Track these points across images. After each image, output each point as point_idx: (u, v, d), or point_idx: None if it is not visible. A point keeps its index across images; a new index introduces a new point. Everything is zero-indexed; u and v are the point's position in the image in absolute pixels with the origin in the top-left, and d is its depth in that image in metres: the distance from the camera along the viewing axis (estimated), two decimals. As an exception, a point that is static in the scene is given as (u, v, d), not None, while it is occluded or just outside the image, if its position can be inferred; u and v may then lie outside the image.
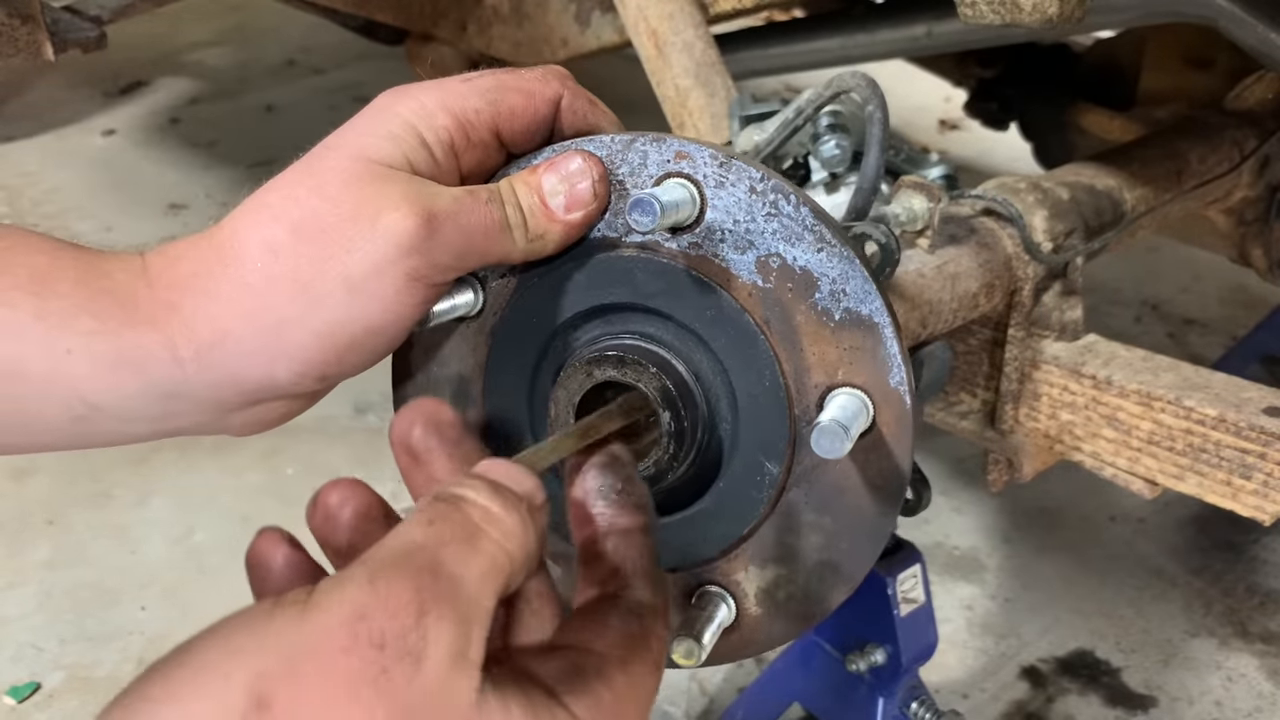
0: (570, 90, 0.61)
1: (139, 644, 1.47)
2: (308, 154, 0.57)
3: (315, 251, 0.54)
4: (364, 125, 0.57)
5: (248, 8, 3.60)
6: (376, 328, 0.56)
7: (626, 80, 2.91)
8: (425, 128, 0.57)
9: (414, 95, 0.58)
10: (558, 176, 0.58)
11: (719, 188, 0.57)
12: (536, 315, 0.61)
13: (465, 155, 0.58)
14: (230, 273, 0.55)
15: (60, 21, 1.36)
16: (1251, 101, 1.24)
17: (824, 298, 0.56)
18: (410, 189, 0.55)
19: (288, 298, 0.54)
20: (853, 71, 0.77)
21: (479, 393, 0.65)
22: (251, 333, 0.55)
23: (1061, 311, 0.96)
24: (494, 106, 0.58)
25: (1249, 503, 0.85)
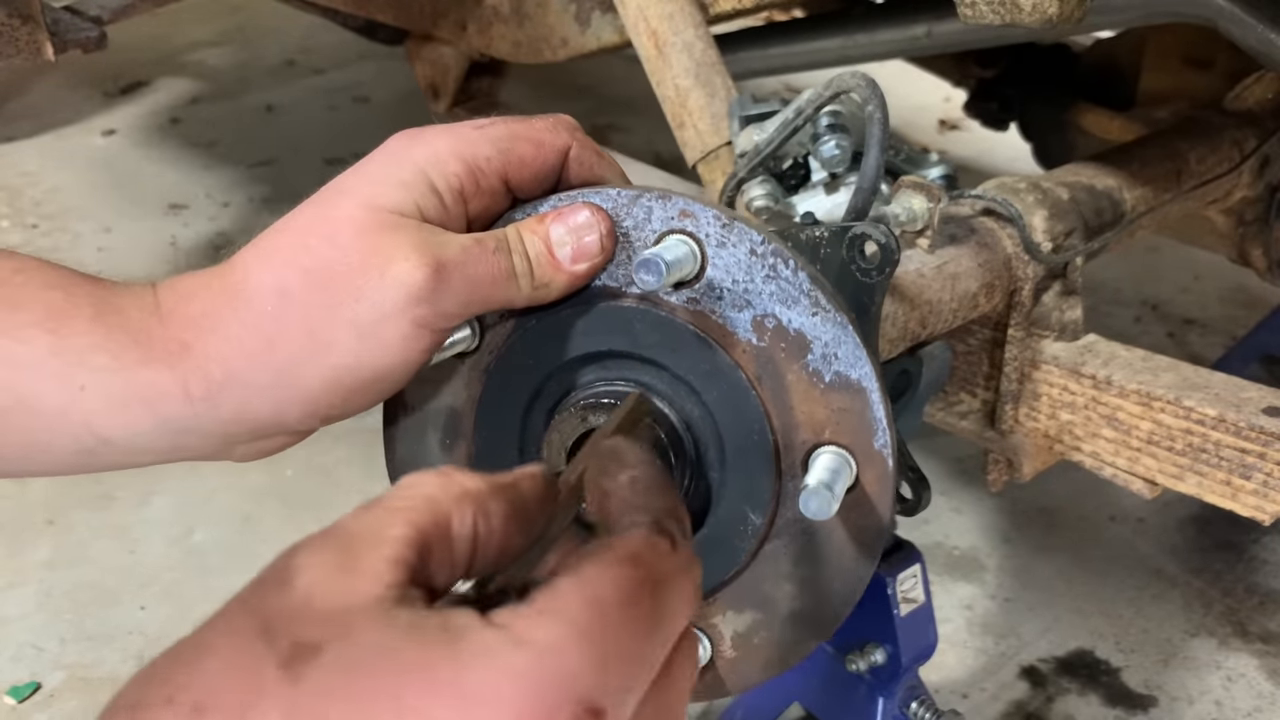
0: (579, 141, 0.63)
1: (139, 644, 1.47)
2: (320, 195, 0.59)
3: (325, 298, 0.56)
4: (377, 171, 0.59)
5: (248, 8, 3.60)
6: (383, 372, 0.57)
7: (626, 80, 2.90)
8: (437, 174, 0.58)
9: (428, 141, 0.59)
10: (565, 228, 0.60)
11: (720, 247, 0.58)
12: (533, 357, 0.63)
13: (474, 201, 0.60)
14: (241, 315, 0.56)
15: (60, 21, 1.36)
16: (1251, 102, 1.24)
17: (815, 360, 0.59)
18: (420, 238, 0.56)
19: (298, 342, 0.56)
20: (853, 71, 0.77)
21: (470, 427, 0.66)
22: (262, 375, 0.56)
23: (1061, 311, 0.96)
24: (504, 155, 0.60)
25: (1248, 503, 0.85)
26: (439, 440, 0.67)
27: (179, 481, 1.74)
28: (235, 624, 0.37)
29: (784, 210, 0.90)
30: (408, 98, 2.67)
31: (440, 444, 0.67)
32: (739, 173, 0.89)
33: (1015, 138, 1.72)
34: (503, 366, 0.63)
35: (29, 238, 2.45)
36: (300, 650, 0.36)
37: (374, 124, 2.94)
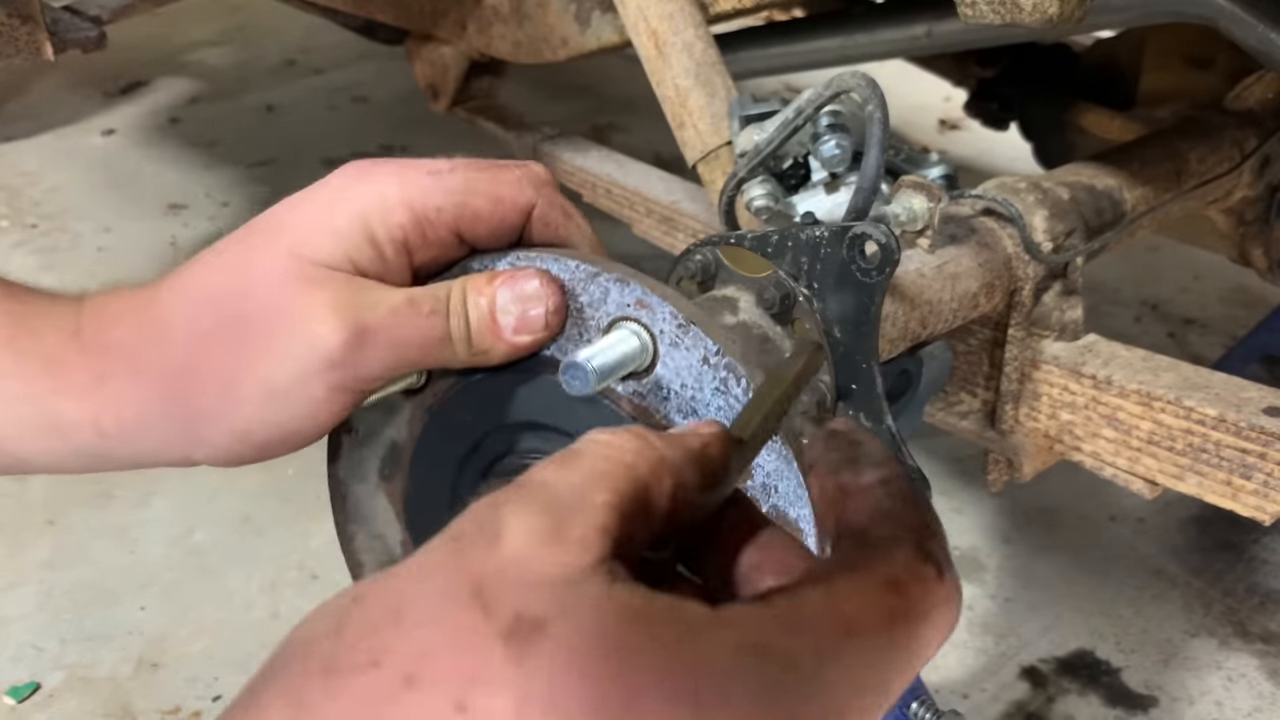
0: (545, 199, 0.58)
1: (139, 644, 1.47)
2: (253, 228, 0.56)
3: (238, 353, 0.53)
4: (314, 212, 0.55)
5: (248, 8, 3.60)
6: (296, 431, 0.55)
7: (626, 80, 2.90)
8: (378, 223, 0.54)
9: (376, 182, 0.55)
10: (513, 295, 0.55)
11: (673, 347, 0.54)
12: (472, 414, 0.60)
13: (420, 253, 0.56)
14: (157, 354, 0.54)
15: (60, 21, 1.36)
16: (1252, 101, 1.24)
17: (754, 487, 0.55)
18: (343, 297, 0.53)
19: (209, 393, 0.54)
20: (853, 71, 0.77)
21: (408, 464, 0.63)
22: (171, 420, 0.54)
23: (1061, 311, 0.96)
24: (458, 208, 0.56)
25: (1249, 503, 0.85)
26: (378, 469, 0.65)
27: (179, 481, 1.74)
28: (441, 583, 0.34)
29: (784, 210, 0.90)
30: (408, 98, 2.67)
31: (379, 472, 0.65)
32: (739, 172, 0.89)
33: (1015, 137, 1.72)
34: (443, 413, 0.61)
35: (28, 237, 2.45)
36: (521, 625, 0.32)
37: (374, 124, 2.94)
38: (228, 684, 1.40)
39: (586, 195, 1.49)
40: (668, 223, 1.33)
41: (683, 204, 1.32)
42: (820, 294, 0.68)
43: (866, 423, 0.69)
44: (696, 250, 0.73)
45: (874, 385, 0.67)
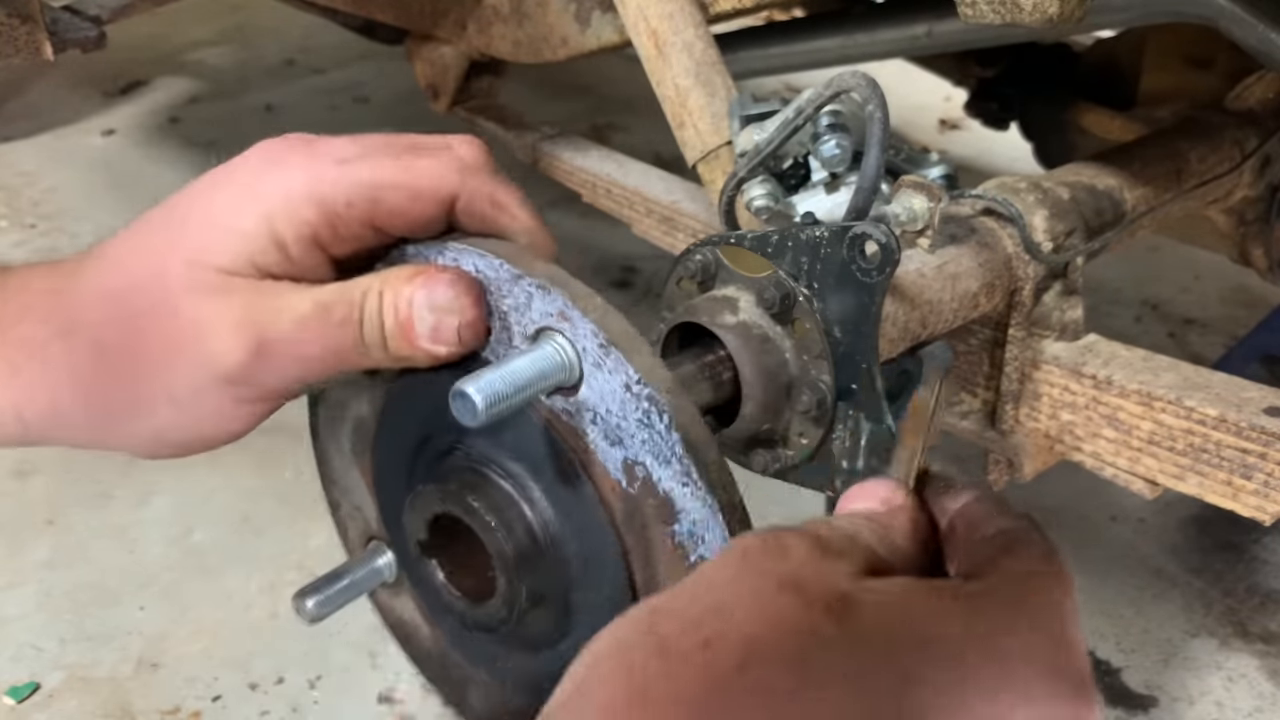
0: (470, 188, 0.53)
1: (138, 644, 1.47)
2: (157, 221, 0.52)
3: (140, 360, 0.51)
4: (216, 211, 0.51)
5: (248, 8, 3.60)
6: (210, 435, 0.53)
7: (626, 80, 2.90)
8: (284, 222, 0.51)
9: (284, 175, 0.52)
10: (428, 302, 0.51)
11: (596, 368, 0.51)
12: (420, 405, 0.57)
13: (335, 247, 0.53)
14: (66, 351, 0.52)
15: (60, 21, 1.36)
16: (1252, 101, 1.24)
17: (682, 534, 0.51)
18: (244, 310, 0.50)
19: (115, 399, 0.52)
20: (853, 71, 0.77)
21: (372, 441, 0.61)
22: (83, 415, 0.53)
23: (1062, 311, 0.96)
24: (370, 203, 0.52)
25: (1249, 503, 0.85)
26: (350, 445, 0.64)
27: (178, 481, 1.74)
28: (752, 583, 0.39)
29: (784, 210, 0.90)
30: (408, 97, 2.66)
31: (351, 448, 0.64)
32: (739, 172, 0.89)
33: (1016, 137, 1.72)
34: (399, 398, 0.58)
35: (27, 238, 2.45)
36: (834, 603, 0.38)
37: (374, 124, 2.93)
38: (227, 684, 1.40)
39: (586, 195, 1.49)
40: (668, 223, 1.33)
41: (683, 204, 1.32)
42: (820, 294, 0.68)
43: (866, 423, 0.69)
44: (696, 250, 0.73)
45: (874, 385, 0.67)
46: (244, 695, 1.39)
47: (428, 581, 0.58)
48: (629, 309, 2.19)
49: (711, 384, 0.69)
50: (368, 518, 0.65)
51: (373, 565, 0.63)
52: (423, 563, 0.57)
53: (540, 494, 0.53)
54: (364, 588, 0.63)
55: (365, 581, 0.62)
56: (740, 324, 0.69)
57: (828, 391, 0.68)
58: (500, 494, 0.54)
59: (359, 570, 0.62)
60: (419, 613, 0.65)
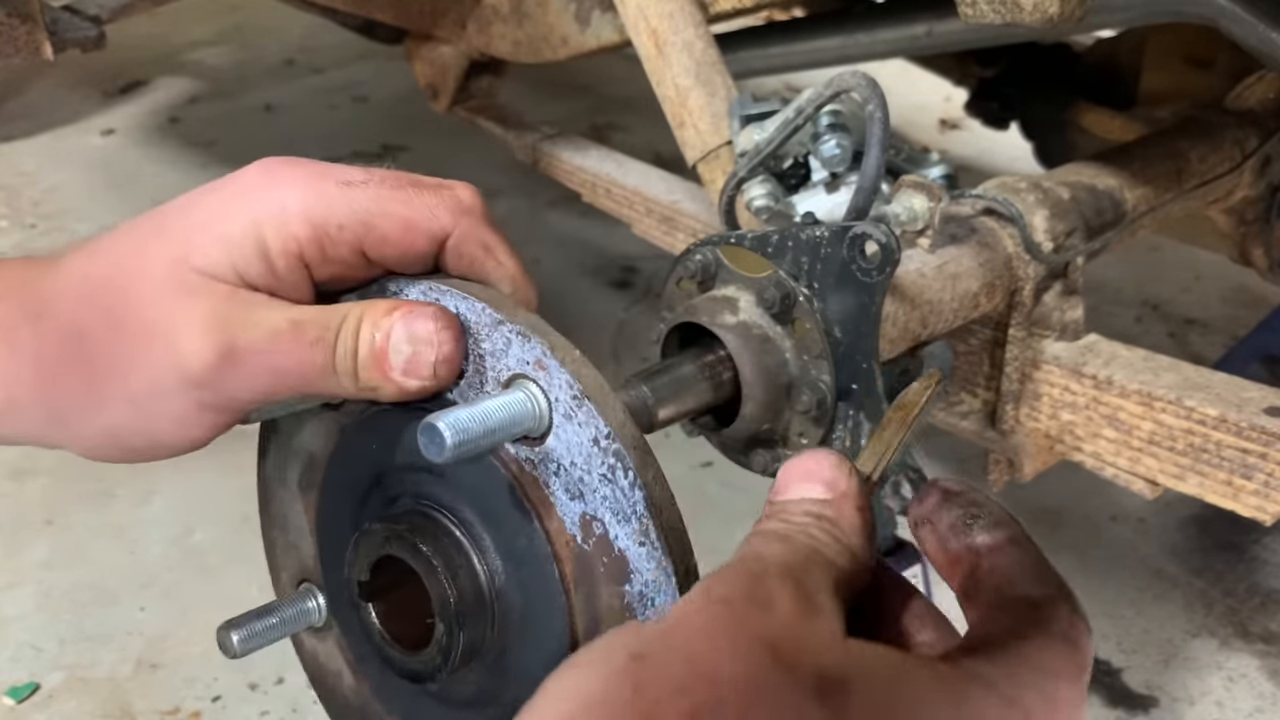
0: (463, 229, 0.54)
1: (138, 644, 1.47)
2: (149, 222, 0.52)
3: (107, 354, 0.51)
4: (209, 213, 0.51)
5: (247, 8, 3.60)
6: (165, 441, 0.53)
7: (626, 80, 2.89)
8: (273, 234, 0.50)
9: (278, 190, 0.51)
10: (406, 334, 0.51)
11: (567, 419, 0.50)
12: (376, 445, 0.56)
13: (320, 268, 0.52)
14: (30, 339, 0.52)
15: (59, 21, 1.36)
16: (1252, 101, 1.23)
17: (632, 595, 0.50)
18: (221, 313, 0.49)
19: (73, 390, 0.52)
20: (853, 71, 0.77)
21: (320, 479, 0.60)
22: (38, 410, 0.52)
23: (1062, 311, 0.96)
24: (364, 228, 0.51)
25: (1250, 503, 0.85)
26: (297, 479, 0.63)
27: (178, 481, 1.74)
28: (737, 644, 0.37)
29: (784, 210, 0.90)
30: (407, 97, 2.66)
31: (298, 484, 0.63)
32: (739, 172, 0.89)
33: (1016, 137, 1.72)
34: (355, 436, 0.57)
35: (27, 237, 2.45)
36: (827, 683, 0.37)
37: (374, 123, 2.94)
38: (227, 684, 1.40)
39: (586, 195, 1.49)
40: (668, 222, 1.33)
41: (683, 204, 1.32)
42: (820, 294, 0.67)
43: (866, 423, 0.69)
44: (696, 250, 0.73)
45: (874, 385, 0.67)
46: (244, 695, 1.38)
47: (360, 626, 0.57)
48: (629, 309, 2.19)
49: (711, 384, 0.68)
50: (303, 557, 0.64)
51: (303, 606, 0.62)
52: (360, 606, 0.56)
53: (490, 542, 0.53)
54: (292, 628, 0.62)
55: (294, 621, 0.62)
56: (740, 324, 0.69)
57: (828, 391, 0.68)
58: (450, 539, 0.53)
59: (289, 609, 0.62)
60: (344, 660, 0.64)
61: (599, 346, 2.03)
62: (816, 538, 0.44)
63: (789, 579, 0.41)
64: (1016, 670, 0.40)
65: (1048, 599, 0.44)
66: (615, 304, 2.17)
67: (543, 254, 2.31)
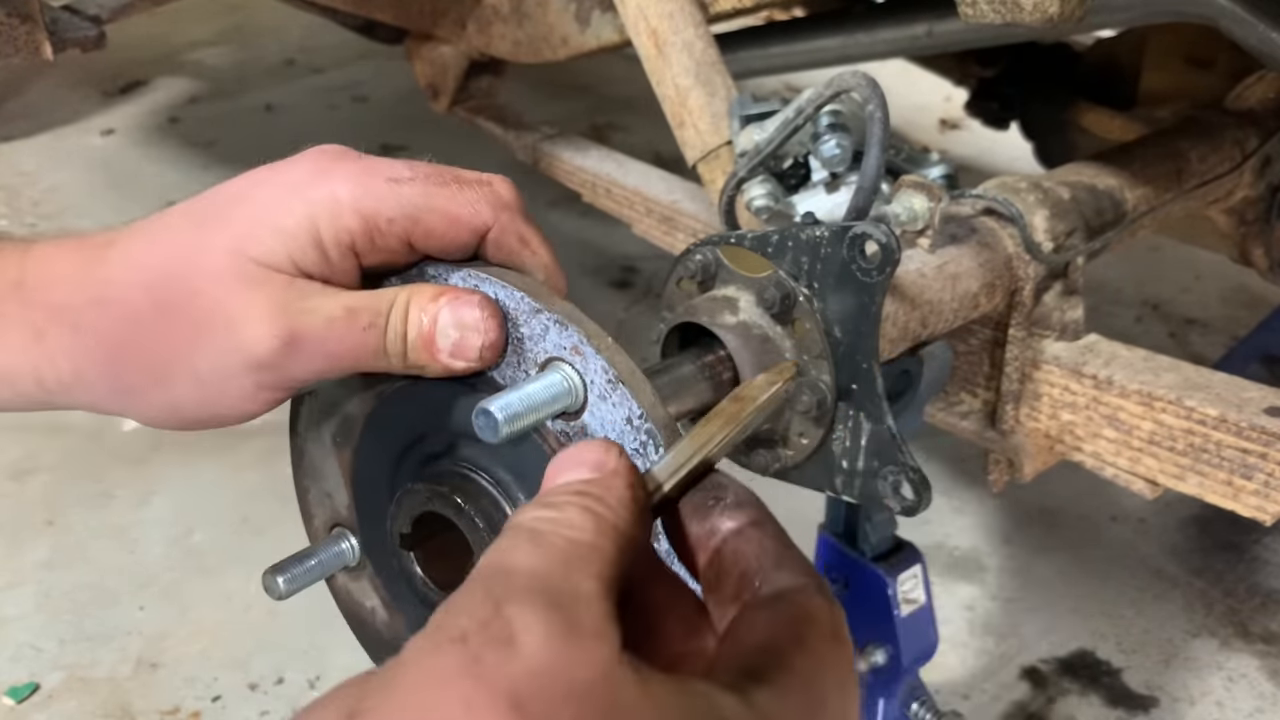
0: (503, 222, 0.57)
1: (138, 644, 1.47)
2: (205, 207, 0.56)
3: (171, 337, 0.54)
4: (264, 206, 0.54)
5: (248, 8, 3.60)
6: (225, 414, 0.56)
7: (626, 80, 2.89)
8: (327, 226, 0.54)
9: (332, 182, 0.55)
10: (453, 319, 0.55)
11: (601, 400, 0.54)
12: (416, 410, 0.60)
13: (368, 256, 0.56)
14: (95, 321, 0.55)
15: (59, 21, 1.36)
16: (1253, 101, 1.23)
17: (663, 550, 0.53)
18: (279, 301, 0.53)
19: (141, 370, 0.55)
20: (853, 71, 0.77)
21: (357, 437, 0.65)
22: (105, 385, 0.55)
23: (1062, 311, 0.96)
24: (411, 221, 0.55)
25: (1250, 503, 0.85)
26: (332, 435, 0.67)
27: (178, 482, 1.74)
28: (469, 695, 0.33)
29: (784, 210, 0.90)
30: (408, 97, 2.67)
31: (332, 439, 0.67)
32: (739, 172, 0.89)
33: (1016, 137, 1.72)
34: (392, 403, 0.61)
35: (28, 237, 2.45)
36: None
37: (374, 123, 2.94)
38: (226, 684, 1.40)
39: (586, 195, 1.49)
40: (668, 222, 1.33)
41: (683, 204, 1.32)
42: (820, 294, 0.67)
43: (866, 423, 0.69)
44: (696, 250, 0.73)
45: (874, 385, 0.67)
46: (244, 695, 1.39)
47: (401, 571, 0.62)
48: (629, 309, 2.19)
49: (711, 384, 0.68)
50: (336, 505, 0.69)
51: (337, 549, 0.67)
52: (400, 555, 0.61)
53: (524, 501, 0.57)
54: (329, 569, 0.67)
55: (330, 563, 0.67)
56: (740, 324, 0.69)
57: (828, 391, 0.68)
58: (488, 498, 0.58)
59: (325, 553, 0.67)
60: (378, 598, 0.68)
61: (599, 346, 2.03)
62: (575, 525, 0.41)
63: (539, 598, 0.36)
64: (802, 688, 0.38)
65: (800, 590, 0.42)
66: (615, 304, 2.17)
67: (543, 254, 2.31)
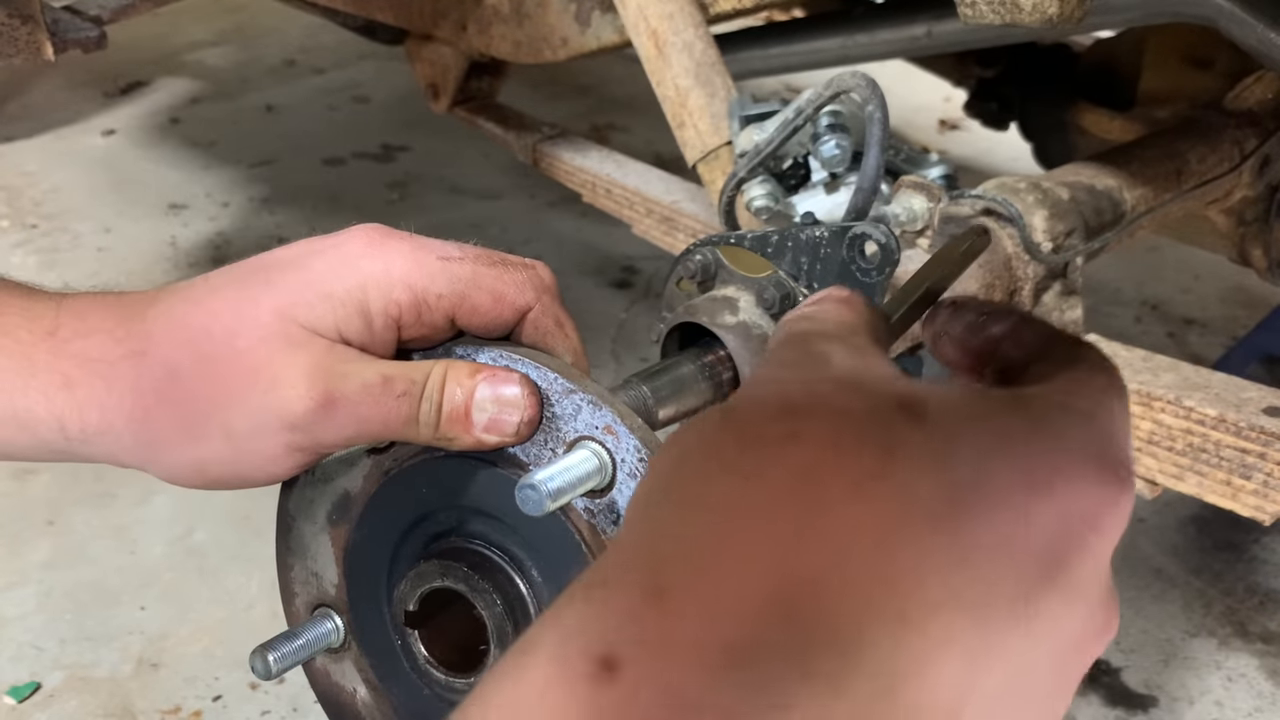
0: (543, 305, 0.60)
1: (139, 644, 1.47)
2: (254, 271, 0.57)
3: (209, 395, 0.55)
4: (315, 272, 0.56)
5: (248, 8, 3.60)
6: (250, 475, 0.58)
7: (626, 80, 2.90)
8: (376, 298, 0.55)
9: (385, 256, 0.56)
10: (493, 394, 0.56)
11: (632, 478, 0.55)
12: (428, 487, 0.61)
13: (411, 329, 0.57)
14: (130, 373, 0.56)
15: (60, 21, 1.36)
16: (1251, 101, 1.24)
17: None
18: (320, 365, 0.55)
19: (172, 426, 0.56)
20: (853, 71, 0.77)
21: (356, 517, 0.65)
22: (132, 438, 0.56)
23: (1061, 311, 0.96)
24: (458, 298, 0.57)
25: (1249, 503, 0.85)
26: (327, 512, 0.67)
27: (179, 481, 1.74)
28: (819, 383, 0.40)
29: (784, 210, 0.90)
30: (408, 98, 2.67)
31: (327, 516, 0.67)
32: (739, 172, 0.89)
33: (1015, 138, 1.72)
34: (401, 479, 0.62)
35: (29, 238, 2.45)
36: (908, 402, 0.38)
37: (374, 124, 2.94)
38: (228, 683, 1.40)
39: (586, 195, 1.49)
40: (668, 223, 1.33)
41: (683, 204, 1.32)
42: (820, 294, 0.68)
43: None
44: (696, 250, 0.73)
45: (874, 385, 0.67)
46: (244, 695, 1.39)
47: (398, 650, 0.63)
48: (629, 309, 2.20)
49: (711, 384, 0.69)
50: (324, 584, 0.69)
51: (322, 629, 0.68)
52: (405, 633, 0.61)
53: (540, 577, 0.58)
54: (314, 649, 0.68)
55: (316, 643, 0.68)
56: (740, 324, 0.69)
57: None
58: (503, 574, 0.59)
59: (310, 633, 0.68)
60: (362, 680, 0.69)
61: (599, 346, 2.03)
62: (844, 311, 0.45)
63: (835, 337, 0.43)
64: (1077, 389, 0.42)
65: (1074, 341, 0.46)
66: (615, 304, 2.17)
67: (543, 254, 2.30)
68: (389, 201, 2.57)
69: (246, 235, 2.43)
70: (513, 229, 2.41)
